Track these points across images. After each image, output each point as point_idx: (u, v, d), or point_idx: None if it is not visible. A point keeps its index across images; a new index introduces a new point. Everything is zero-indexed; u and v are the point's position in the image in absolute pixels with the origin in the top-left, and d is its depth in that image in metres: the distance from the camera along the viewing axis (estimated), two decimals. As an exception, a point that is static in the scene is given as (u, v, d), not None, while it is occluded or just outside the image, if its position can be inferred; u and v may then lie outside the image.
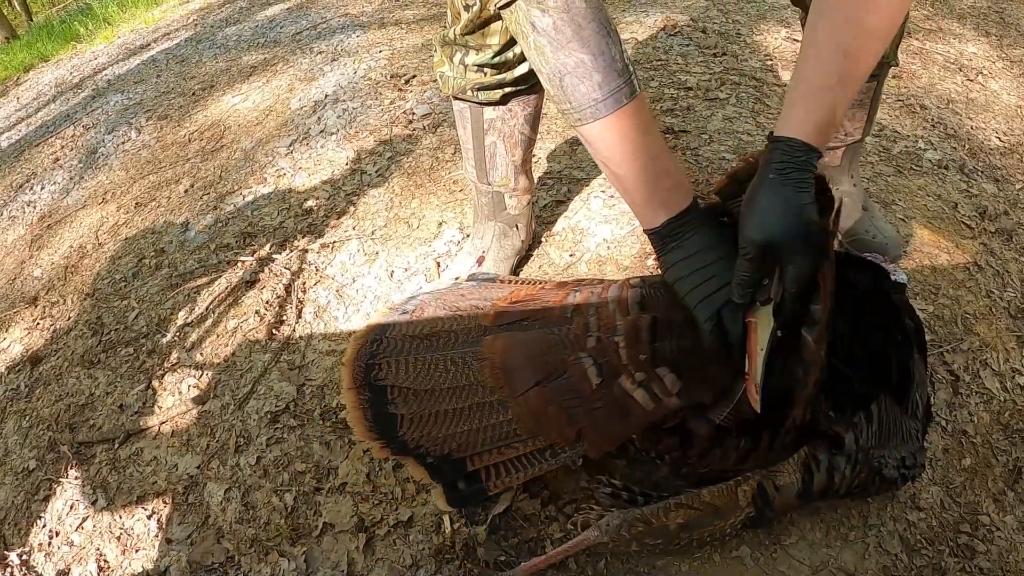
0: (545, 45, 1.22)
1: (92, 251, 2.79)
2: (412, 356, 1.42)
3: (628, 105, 1.22)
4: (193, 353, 2.10)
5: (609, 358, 1.30)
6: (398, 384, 1.40)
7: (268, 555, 1.56)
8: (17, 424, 2.08)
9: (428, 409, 1.39)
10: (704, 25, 3.57)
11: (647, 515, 1.34)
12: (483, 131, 1.86)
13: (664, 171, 1.26)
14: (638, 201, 1.29)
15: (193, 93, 4.05)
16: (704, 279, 1.22)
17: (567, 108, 1.27)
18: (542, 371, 1.33)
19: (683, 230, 1.25)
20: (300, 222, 2.56)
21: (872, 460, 1.33)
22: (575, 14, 1.19)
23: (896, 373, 1.35)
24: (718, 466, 1.35)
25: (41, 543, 1.74)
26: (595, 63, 1.20)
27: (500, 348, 1.36)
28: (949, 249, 2.11)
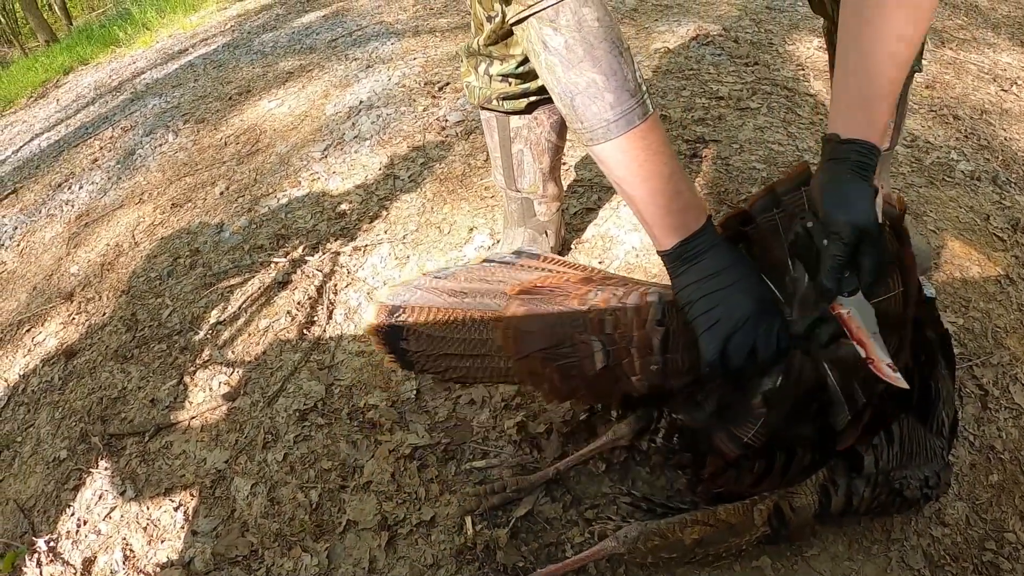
0: (556, 64, 1.21)
1: (128, 249, 2.83)
2: (434, 306, 1.44)
3: (641, 126, 1.20)
4: (225, 351, 2.13)
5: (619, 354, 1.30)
6: (415, 326, 1.43)
7: (291, 550, 1.57)
8: (50, 415, 2.11)
9: (437, 350, 1.43)
10: (736, 35, 3.57)
11: (663, 529, 1.34)
12: (510, 139, 1.88)
13: (676, 192, 1.23)
14: (650, 222, 1.26)
15: (230, 98, 4.10)
16: (712, 305, 1.19)
17: (579, 128, 1.24)
18: (550, 339, 1.34)
19: (695, 252, 1.22)
20: (333, 225, 2.58)
21: (893, 481, 1.32)
22: (587, 33, 1.17)
23: (919, 392, 1.32)
24: (732, 487, 1.35)
25: (69, 531, 1.76)
26: (607, 83, 1.18)
27: (516, 313, 1.38)
28: (981, 261, 2.09)
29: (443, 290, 1.47)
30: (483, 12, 1.62)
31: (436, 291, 1.47)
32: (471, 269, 1.55)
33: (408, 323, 1.43)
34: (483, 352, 1.39)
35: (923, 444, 1.35)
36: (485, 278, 1.50)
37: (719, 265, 1.20)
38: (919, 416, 1.35)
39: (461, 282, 1.49)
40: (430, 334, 1.42)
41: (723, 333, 1.17)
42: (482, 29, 1.66)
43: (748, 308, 1.17)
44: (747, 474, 1.31)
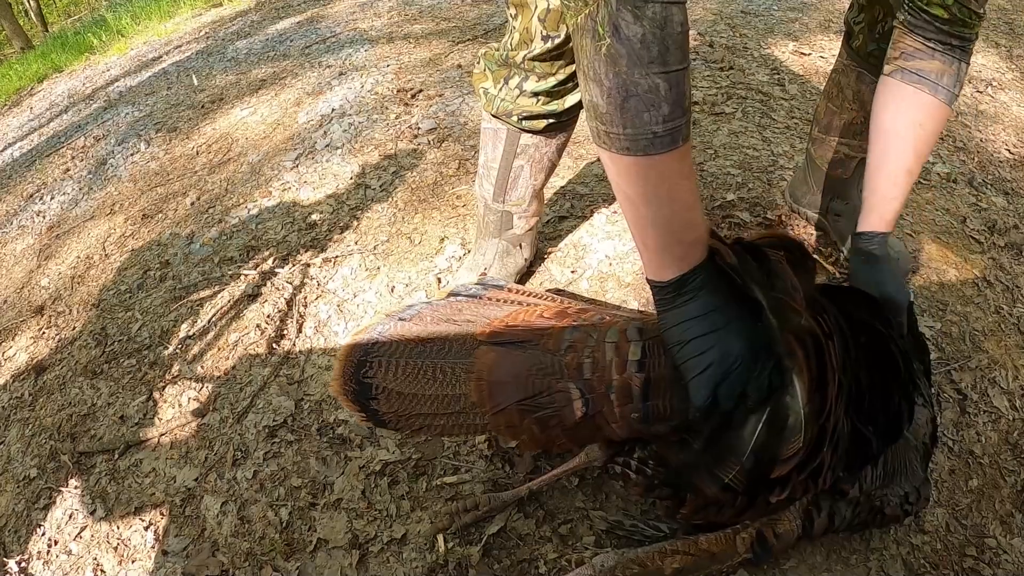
0: (623, 56, 1.05)
1: (99, 262, 2.81)
2: (402, 359, 1.39)
3: (682, 147, 1.11)
4: (194, 366, 2.11)
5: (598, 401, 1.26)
6: (385, 384, 1.38)
7: (262, 569, 1.56)
8: (20, 432, 2.09)
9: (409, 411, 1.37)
10: (712, 39, 3.58)
11: (642, 558, 1.33)
12: (515, 154, 1.85)
13: (692, 224, 1.15)
14: (653, 248, 1.17)
15: (202, 106, 4.08)
16: (705, 347, 1.13)
17: (617, 132, 1.11)
18: (526, 391, 1.29)
19: (692, 288, 1.15)
20: (303, 236, 2.58)
21: (874, 499, 1.32)
22: (668, 33, 1.04)
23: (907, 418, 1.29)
24: (714, 519, 1.33)
25: (40, 551, 1.75)
26: (669, 93, 1.07)
27: (489, 362, 1.33)
28: (958, 264, 2.10)
29: (409, 337, 1.42)
30: (543, 30, 1.57)
31: (401, 339, 1.42)
32: (436, 307, 1.50)
33: (376, 382, 1.38)
34: (457, 409, 1.34)
35: (904, 460, 1.35)
36: (452, 318, 1.45)
37: (714, 304, 1.15)
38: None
39: (427, 324, 1.44)
40: (400, 391, 1.37)
41: (715, 379, 1.13)
42: (529, 44, 1.61)
43: (741, 351, 1.12)
44: (729, 508, 1.29)
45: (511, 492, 1.57)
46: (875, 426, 1.25)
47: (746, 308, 1.16)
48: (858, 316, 1.26)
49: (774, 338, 1.15)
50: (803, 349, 1.12)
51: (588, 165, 2.61)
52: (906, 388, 1.27)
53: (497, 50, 1.76)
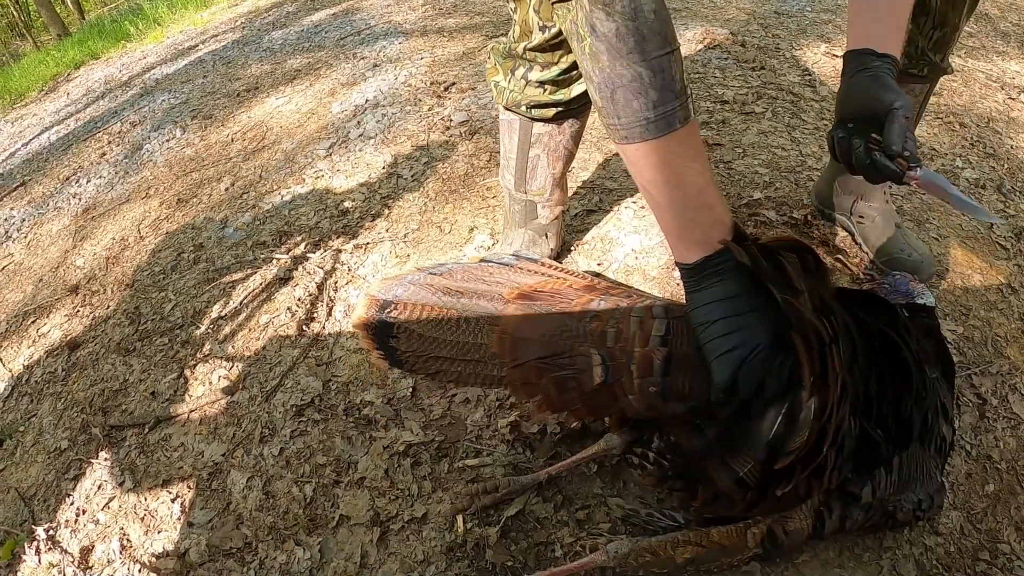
0: (603, 52, 1.12)
1: (133, 244, 2.85)
2: (428, 304, 1.39)
3: (680, 130, 1.14)
4: (225, 345, 2.15)
5: (618, 370, 1.25)
6: (407, 324, 1.38)
7: (284, 543, 1.59)
8: (52, 405, 2.14)
9: (427, 352, 1.37)
10: (744, 39, 3.58)
11: (655, 546, 1.34)
12: (529, 143, 1.88)
13: (707, 206, 1.17)
14: (674, 232, 1.20)
15: (238, 94, 4.13)
16: (729, 330, 1.13)
17: (614, 123, 1.17)
18: (548, 349, 1.29)
19: (718, 271, 1.16)
20: (335, 223, 2.61)
21: (887, 505, 1.32)
22: (642, 23, 1.09)
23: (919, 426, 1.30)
24: (724, 512, 1.34)
25: (68, 520, 1.79)
26: (653, 80, 1.11)
27: (514, 317, 1.33)
28: (983, 270, 2.09)
29: (437, 287, 1.42)
30: (538, 20, 1.59)
31: (430, 288, 1.42)
32: (468, 268, 1.49)
33: (399, 320, 1.38)
34: (476, 357, 1.34)
35: (921, 467, 1.34)
36: (482, 278, 1.44)
37: (741, 288, 1.15)
38: (919, 440, 1.32)
39: (457, 280, 1.44)
40: (422, 333, 1.37)
41: (737, 362, 1.12)
42: (529, 35, 1.64)
43: (765, 338, 1.12)
44: (739, 502, 1.29)
45: (530, 476, 1.59)
46: (885, 430, 1.25)
47: (771, 297, 1.15)
48: (873, 322, 1.26)
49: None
50: (807, 349, 1.12)
51: (617, 160, 2.62)
52: (919, 395, 1.27)
53: (503, 43, 1.80)
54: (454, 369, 1.36)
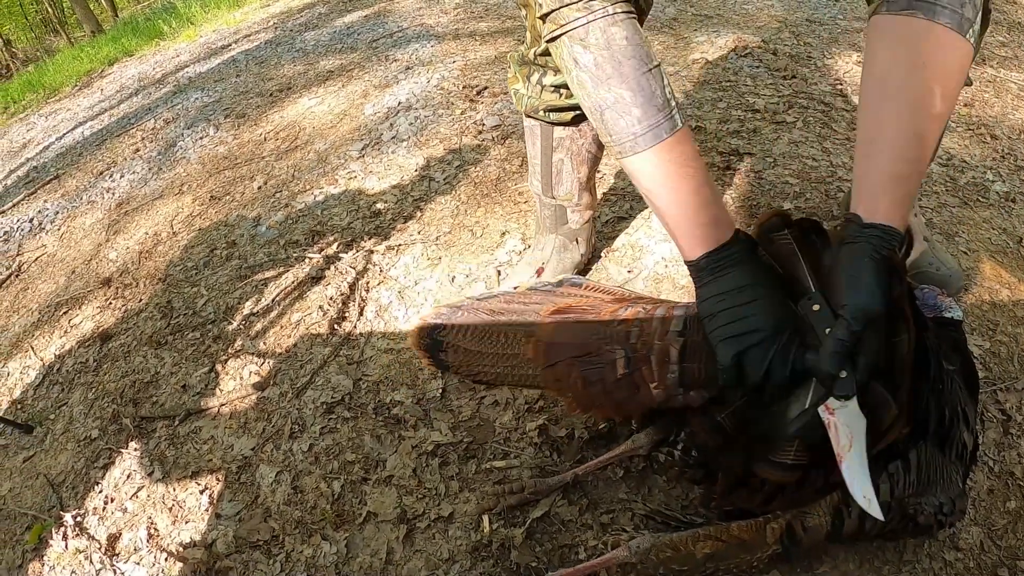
0: (586, 80, 1.26)
1: (166, 239, 2.88)
2: (472, 324, 1.52)
3: (668, 139, 1.24)
4: (256, 342, 2.17)
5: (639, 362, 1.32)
6: (454, 341, 1.51)
7: (311, 537, 1.61)
8: (83, 395, 2.16)
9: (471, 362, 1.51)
10: (775, 47, 3.57)
11: (675, 541, 1.35)
12: (552, 148, 1.90)
13: (704, 204, 1.25)
14: (677, 233, 1.28)
15: (271, 94, 4.16)
16: (733, 319, 1.19)
17: (608, 141, 1.29)
18: (577, 350, 1.38)
19: (721, 265, 1.23)
20: (368, 224, 2.62)
21: (907, 507, 1.30)
22: (615, 51, 1.23)
23: (936, 420, 1.30)
24: (743, 505, 1.36)
25: (96, 507, 1.81)
26: (634, 99, 1.23)
27: (549, 327, 1.43)
28: (1011, 284, 2.06)
29: (482, 309, 1.54)
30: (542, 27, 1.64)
31: (475, 311, 1.54)
32: (512, 295, 1.62)
33: (447, 339, 1.50)
34: (514, 363, 1.45)
35: (941, 471, 1.32)
36: (523, 301, 1.55)
37: (744, 280, 1.20)
38: (938, 443, 1.32)
39: (500, 303, 1.56)
40: (466, 348, 1.49)
41: (741, 344, 1.16)
42: (539, 41, 1.67)
43: (768, 326, 1.16)
44: (758, 492, 1.32)
45: (556, 478, 1.60)
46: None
47: (776, 287, 1.21)
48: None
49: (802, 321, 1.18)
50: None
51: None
52: (936, 388, 1.28)
53: (519, 50, 1.83)
54: (493, 371, 1.49)
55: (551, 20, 1.28)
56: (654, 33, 3.94)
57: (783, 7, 4.18)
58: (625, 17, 1.24)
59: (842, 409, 1.13)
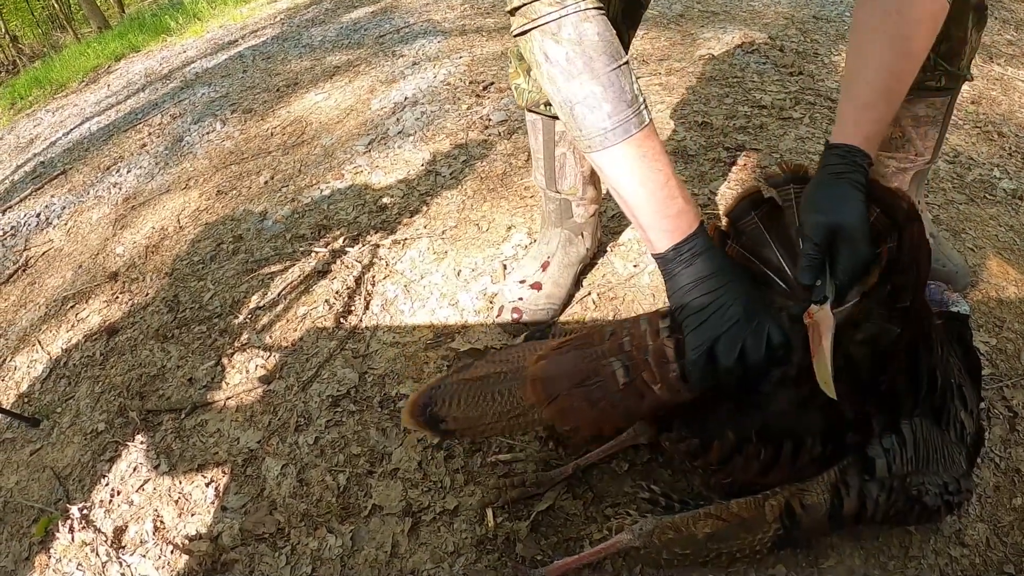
0: (557, 75, 1.27)
1: (173, 233, 2.89)
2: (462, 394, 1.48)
3: (637, 134, 1.25)
4: (263, 335, 2.18)
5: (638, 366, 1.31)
6: (449, 414, 1.46)
7: (317, 530, 1.61)
8: (90, 388, 2.17)
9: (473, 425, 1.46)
10: (782, 44, 3.58)
11: (677, 523, 1.35)
12: (554, 142, 1.90)
13: (670, 197, 1.27)
14: (644, 226, 1.30)
15: (277, 89, 4.17)
16: (703, 306, 1.23)
17: (578, 135, 1.30)
18: (576, 378, 1.35)
19: (688, 255, 1.26)
20: (374, 218, 2.63)
21: (910, 488, 1.30)
22: (587, 46, 1.24)
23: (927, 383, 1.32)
24: (740, 476, 1.36)
25: (102, 500, 1.82)
26: (605, 94, 1.24)
27: (541, 366, 1.41)
28: (1018, 281, 2.06)
29: (465, 379, 1.51)
30: None
31: (459, 381, 1.51)
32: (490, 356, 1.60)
33: (442, 414, 1.46)
34: (516, 413, 1.41)
35: (940, 449, 1.33)
36: (503, 359, 1.53)
37: (711, 268, 1.24)
38: (933, 417, 1.34)
39: (481, 368, 1.53)
40: (464, 416, 1.45)
41: (710, 333, 1.21)
42: None
43: (738, 309, 1.21)
44: (754, 462, 1.32)
45: (558, 471, 1.60)
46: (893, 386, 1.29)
47: (743, 271, 1.27)
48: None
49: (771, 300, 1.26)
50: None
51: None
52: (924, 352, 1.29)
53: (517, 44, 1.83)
54: (499, 426, 1.44)
55: (521, 14, 1.29)
56: (660, 29, 3.95)
57: (790, 4, 4.19)
58: (596, 13, 1.26)
59: (818, 312, 1.19)
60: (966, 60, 1.70)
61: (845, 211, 1.17)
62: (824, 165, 1.23)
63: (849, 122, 1.25)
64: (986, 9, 1.64)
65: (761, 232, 1.28)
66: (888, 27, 1.21)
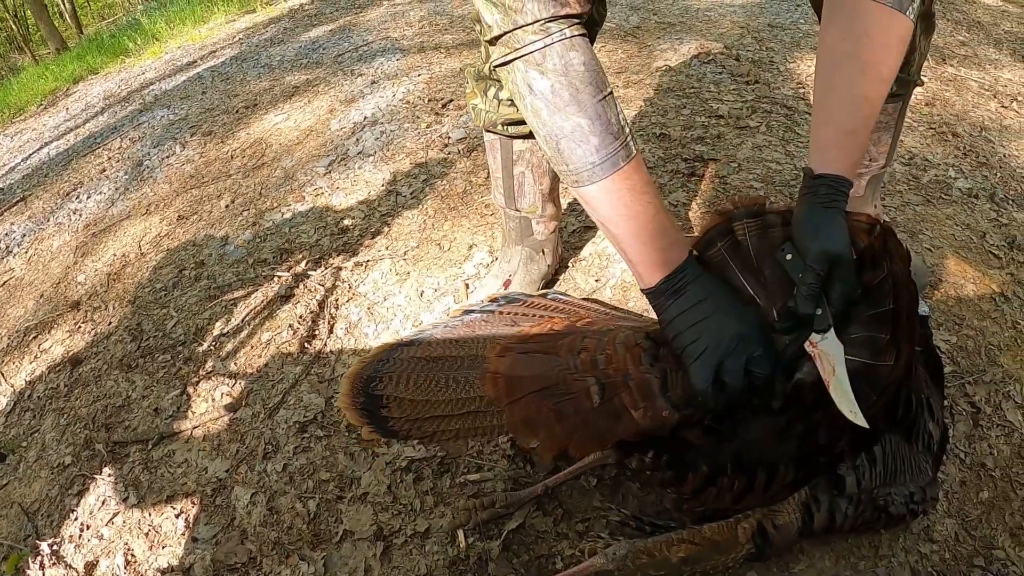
0: (542, 108, 1.23)
1: (134, 260, 2.88)
2: (414, 373, 1.42)
3: (625, 167, 1.23)
4: (227, 362, 2.18)
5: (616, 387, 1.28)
6: (395, 394, 1.40)
7: (289, 558, 1.61)
8: (55, 421, 2.16)
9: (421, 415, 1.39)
10: (738, 53, 3.62)
11: (650, 547, 1.36)
12: (512, 161, 1.92)
13: (661, 230, 1.24)
14: (634, 260, 1.27)
15: (237, 111, 4.15)
16: (699, 335, 1.19)
17: (564, 170, 1.26)
18: (542, 382, 1.31)
19: (679, 286, 1.22)
20: (336, 240, 2.63)
21: (877, 499, 1.33)
22: (573, 78, 1.20)
23: (903, 408, 1.33)
24: (713, 505, 1.36)
25: (72, 535, 1.81)
26: (592, 127, 1.21)
27: (505, 361, 1.36)
28: (976, 279, 2.10)
29: (420, 356, 1.46)
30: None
31: (412, 357, 1.46)
32: (449, 327, 1.54)
33: (386, 393, 1.40)
34: (472, 409, 1.36)
35: (908, 461, 1.35)
36: (464, 337, 1.49)
37: (703, 294, 1.21)
38: (904, 433, 1.35)
39: (439, 345, 1.48)
40: (412, 399, 1.39)
41: (713, 360, 1.17)
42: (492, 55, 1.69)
43: (735, 331, 1.18)
44: (727, 492, 1.32)
45: (527, 490, 1.61)
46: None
47: (734, 294, 1.23)
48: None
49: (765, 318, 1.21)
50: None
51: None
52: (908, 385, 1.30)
53: (475, 65, 1.84)
54: (451, 428, 1.38)
55: (503, 44, 1.24)
56: (618, 42, 3.98)
57: (745, 13, 4.24)
58: (582, 40, 1.22)
59: (823, 341, 1.16)
60: (916, 66, 1.73)
61: (840, 241, 1.14)
62: (811, 194, 1.18)
63: (832, 149, 1.21)
64: (934, 16, 1.66)
65: (727, 263, 1.25)
66: (857, 52, 1.19)
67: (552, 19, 1.20)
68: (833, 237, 1.13)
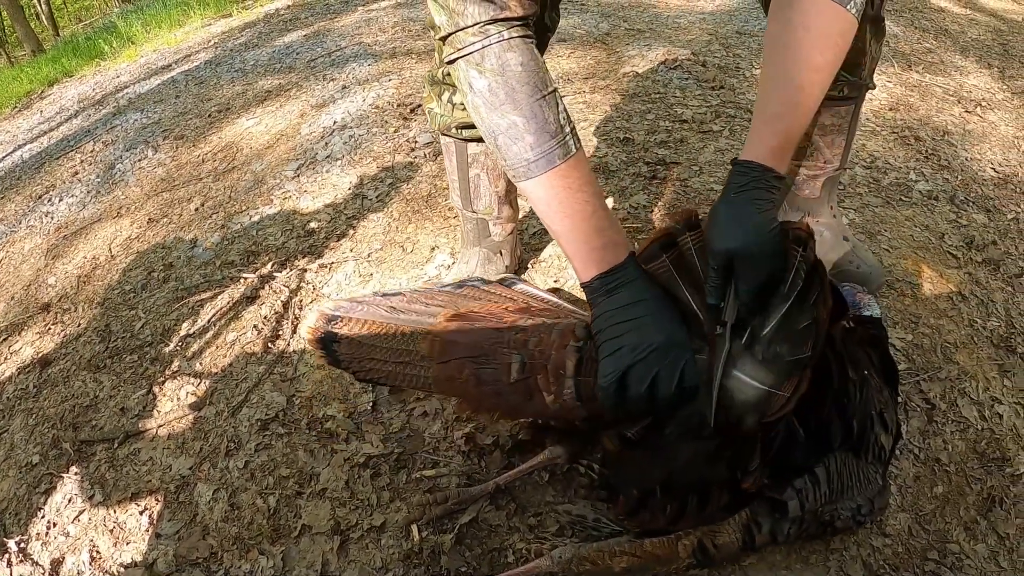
0: (480, 105, 1.29)
1: (105, 263, 2.91)
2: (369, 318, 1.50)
3: (561, 166, 1.28)
4: (193, 362, 2.21)
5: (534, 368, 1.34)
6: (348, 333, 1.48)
7: (249, 552, 1.65)
8: (24, 421, 2.19)
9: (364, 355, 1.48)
10: (705, 59, 3.66)
11: (593, 556, 1.39)
12: (467, 164, 1.96)
13: (598, 229, 1.29)
14: (571, 255, 1.32)
15: (209, 115, 4.17)
16: (620, 333, 1.22)
17: (504, 165, 1.33)
18: (472, 350, 1.38)
19: (613, 286, 1.26)
20: (302, 243, 2.67)
21: (822, 515, 1.34)
22: (509, 77, 1.26)
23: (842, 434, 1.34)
24: (648, 526, 1.40)
25: (39, 532, 1.84)
26: (527, 125, 1.26)
27: (446, 325, 1.44)
28: (933, 279, 2.14)
29: (382, 305, 1.53)
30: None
31: (375, 305, 1.53)
32: (416, 292, 1.61)
33: (342, 332, 1.48)
34: (407, 359, 1.44)
35: (856, 475, 1.36)
36: (426, 302, 1.55)
37: (634, 298, 1.25)
38: (852, 449, 1.35)
39: (403, 301, 1.55)
40: (361, 341, 1.47)
41: (624, 361, 1.20)
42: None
43: (655, 340, 1.21)
44: (660, 514, 1.36)
45: (479, 487, 1.65)
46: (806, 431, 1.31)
47: (668, 305, 1.26)
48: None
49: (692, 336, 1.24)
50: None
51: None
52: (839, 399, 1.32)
53: (431, 71, 1.89)
54: (386, 370, 1.47)
55: (449, 43, 1.31)
56: (587, 48, 4.02)
57: (714, 20, 4.29)
58: (521, 42, 1.27)
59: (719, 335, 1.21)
60: (867, 70, 1.76)
61: (740, 233, 1.15)
62: (728, 183, 1.23)
63: (755, 137, 1.25)
64: (883, 21, 1.70)
65: (672, 275, 1.27)
66: (793, 42, 1.22)
67: (491, 22, 1.25)
68: (731, 231, 1.17)
